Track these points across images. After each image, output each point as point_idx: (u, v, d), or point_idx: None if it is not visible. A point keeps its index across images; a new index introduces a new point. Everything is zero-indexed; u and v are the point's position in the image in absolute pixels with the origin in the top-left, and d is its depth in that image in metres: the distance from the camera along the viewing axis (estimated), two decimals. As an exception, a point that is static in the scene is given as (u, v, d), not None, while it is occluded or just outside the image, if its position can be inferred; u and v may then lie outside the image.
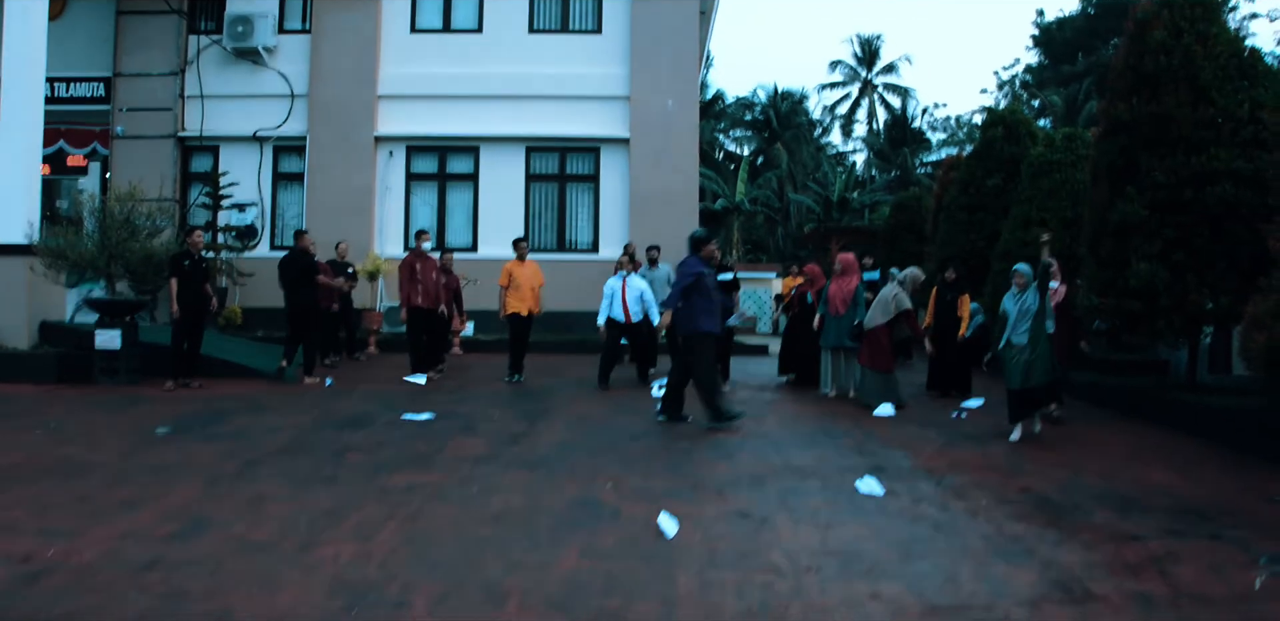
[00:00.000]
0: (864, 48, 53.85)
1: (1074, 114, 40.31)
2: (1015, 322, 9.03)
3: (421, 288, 12.07)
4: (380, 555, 5.00)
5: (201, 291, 11.46)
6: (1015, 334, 8.98)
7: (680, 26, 17.71)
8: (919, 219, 20.97)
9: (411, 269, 12.10)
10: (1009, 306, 9.16)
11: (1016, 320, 9.02)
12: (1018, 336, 8.95)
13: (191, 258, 11.39)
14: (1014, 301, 9.13)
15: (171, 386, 11.14)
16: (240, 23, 17.49)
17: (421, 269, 12.12)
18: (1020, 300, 9.06)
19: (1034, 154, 14.42)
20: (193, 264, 11.34)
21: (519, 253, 12.57)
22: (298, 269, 11.92)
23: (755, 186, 44.88)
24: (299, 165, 17.97)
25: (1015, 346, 8.96)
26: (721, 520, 5.81)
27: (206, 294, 11.62)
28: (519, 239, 12.82)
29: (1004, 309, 9.25)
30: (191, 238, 11.62)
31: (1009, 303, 9.20)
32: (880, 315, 10.69)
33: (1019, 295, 9.12)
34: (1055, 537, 5.56)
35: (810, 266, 12.97)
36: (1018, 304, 9.06)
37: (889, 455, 7.95)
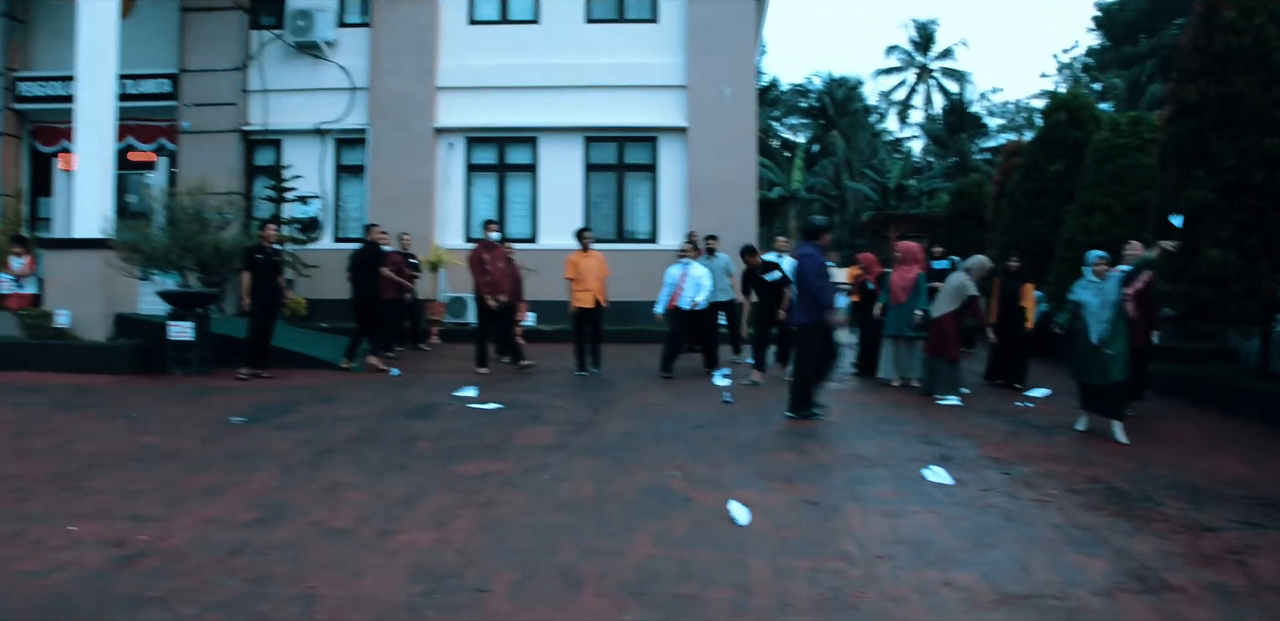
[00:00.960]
0: (920, 32, 53.22)
1: (1137, 96, 39.56)
2: (1096, 313, 8.45)
3: (489, 278, 12.10)
4: (457, 541, 5.11)
5: (275, 284, 11.70)
6: (1095, 326, 8.42)
7: (736, 14, 17.65)
8: (979, 206, 20.75)
9: (480, 259, 12.14)
10: (1086, 297, 8.57)
11: (1097, 311, 8.44)
12: (1098, 328, 8.40)
13: (265, 251, 11.64)
14: (1092, 291, 8.54)
15: (245, 375, 11.39)
16: (301, 17, 17.73)
17: (490, 259, 12.15)
18: (1100, 289, 8.48)
19: (1099, 138, 14.21)
20: (266, 257, 11.59)
21: (583, 243, 12.32)
22: (362, 261, 12.15)
23: (811, 174, 44.64)
24: (360, 157, 18.20)
25: (1094, 340, 8.41)
26: (791, 508, 5.85)
27: (280, 287, 11.86)
28: (583, 229, 12.58)
29: (1079, 298, 8.65)
30: (265, 231, 11.89)
31: (1085, 293, 8.60)
32: (946, 303, 10.60)
33: (1097, 284, 8.55)
34: (1127, 528, 5.54)
35: (864, 254, 12.92)
36: (1097, 294, 8.48)
37: (955, 444, 7.93)
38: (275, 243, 12.13)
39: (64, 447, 7.42)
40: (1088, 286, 8.64)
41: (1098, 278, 8.57)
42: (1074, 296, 8.76)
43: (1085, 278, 8.72)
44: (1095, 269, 8.62)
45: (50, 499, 5.90)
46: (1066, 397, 10.53)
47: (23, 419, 8.70)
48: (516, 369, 12.31)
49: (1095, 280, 8.57)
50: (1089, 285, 8.63)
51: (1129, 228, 12.80)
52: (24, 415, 8.90)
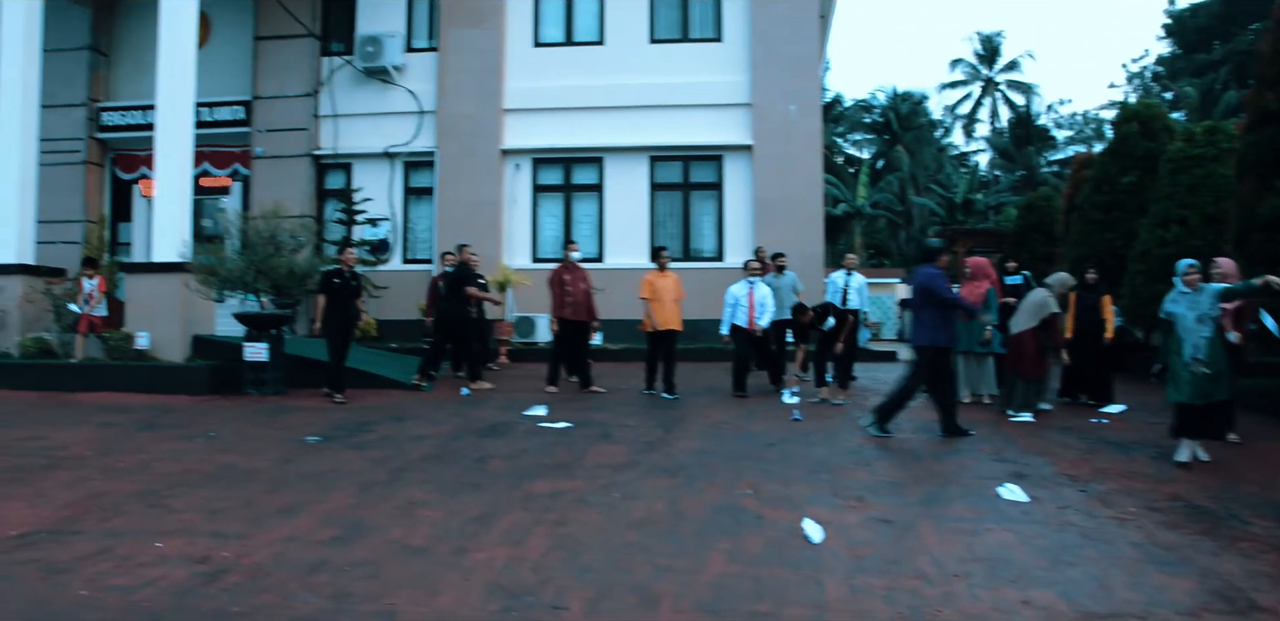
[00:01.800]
0: (985, 45, 52.82)
1: (1210, 105, 38.79)
2: (1193, 329, 7.84)
3: (571, 299, 12.07)
4: (532, 559, 5.15)
5: (352, 308, 11.72)
6: (1194, 341, 7.81)
7: (800, 32, 17.64)
8: (1049, 219, 20.48)
9: (560, 280, 12.13)
10: (1179, 310, 7.98)
11: (1195, 326, 7.84)
12: (1196, 343, 7.80)
13: (343, 275, 11.66)
14: (1186, 304, 7.95)
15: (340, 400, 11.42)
16: (370, 43, 18.08)
17: (571, 280, 12.13)
18: (1193, 302, 7.91)
19: (1173, 149, 13.97)
20: (343, 282, 11.61)
21: (660, 263, 12.05)
22: (451, 281, 12.51)
23: (876, 190, 44.39)
24: (428, 180, 18.46)
25: (1187, 356, 7.82)
26: (865, 526, 5.81)
27: (354, 311, 11.83)
28: (659, 248, 12.42)
29: (1172, 311, 8.06)
30: (345, 255, 11.92)
31: (1179, 305, 8.01)
32: (1026, 319, 10.36)
33: (1190, 295, 7.97)
34: (1212, 547, 5.42)
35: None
36: (1190, 306, 7.91)
37: (1029, 461, 7.81)
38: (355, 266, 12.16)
39: (147, 466, 7.61)
40: (1179, 298, 8.06)
41: (1189, 288, 8.00)
42: (1167, 309, 8.17)
43: (1176, 289, 8.15)
44: (1186, 279, 8.02)
45: (137, 516, 6.05)
46: (1143, 413, 10.35)
47: (108, 438, 8.93)
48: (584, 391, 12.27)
49: (1187, 291, 8.00)
50: (1180, 297, 8.05)
51: (1205, 239, 12.56)
52: (109, 434, 9.14)
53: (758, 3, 17.68)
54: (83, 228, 18.16)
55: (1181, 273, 8.08)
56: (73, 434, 9.12)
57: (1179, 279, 8.09)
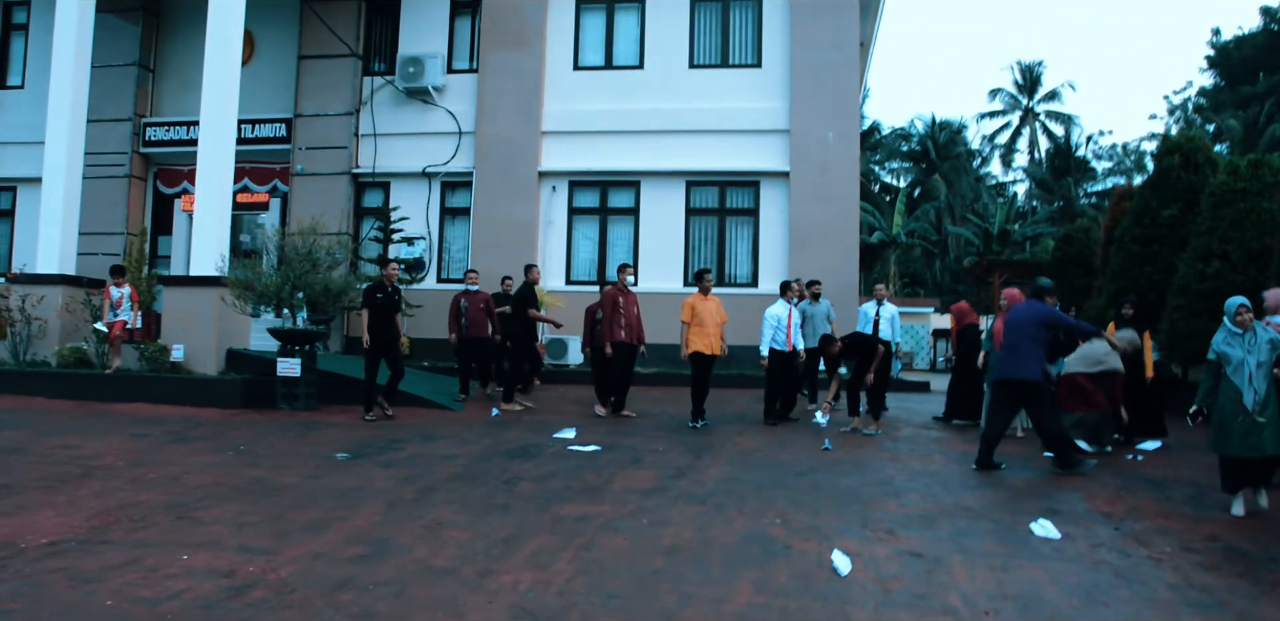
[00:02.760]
0: (1025, 75, 52.70)
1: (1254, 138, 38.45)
2: (1249, 373, 7.25)
3: (625, 322, 12.00)
4: (557, 583, 5.12)
5: (393, 324, 11.71)
6: (1248, 388, 7.22)
7: (840, 59, 17.64)
8: (1087, 251, 20.26)
9: (615, 303, 12.05)
10: (1230, 350, 7.36)
11: (1253, 370, 7.24)
12: (1251, 390, 7.21)
13: (385, 290, 11.68)
14: (1239, 345, 7.34)
15: (376, 415, 11.48)
16: (411, 64, 18.26)
17: (624, 303, 12.08)
18: (1249, 344, 7.31)
19: (1216, 182, 13.79)
20: (385, 297, 11.63)
21: (703, 286, 11.78)
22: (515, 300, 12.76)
23: (912, 219, 44.24)
24: (465, 200, 18.56)
25: (1249, 405, 7.19)
26: (894, 560, 5.74)
27: (397, 327, 11.85)
28: (703, 271, 12.06)
29: (1222, 352, 7.42)
30: (387, 270, 11.95)
31: (1229, 345, 7.40)
32: (1081, 365, 10.15)
33: (1243, 336, 7.37)
34: (1250, 590, 5.32)
35: (957, 305, 12.74)
36: (1244, 349, 7.30)
37: (1063, 497, 7.70)
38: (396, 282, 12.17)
39: (178, 478, 7.66)
40: (1231, 340, 7.42)
41: (1240, 328, 7.39)
42: (1221, 350, 7.47)
43: (1226, 328, 7.51)
44: (1238, 319, 7.40)
45: (165, 527, 6.08)
46: (1180, 451, 10.19)
47: (140, 449, 9.00)
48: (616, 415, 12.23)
49: (1239, 331, 7.39)
50: (1232, 338, 7.42)
51: (1248, 275, 12.38)
52: (141, 445, 9.21)
53: (798, 29, 17.71)
54: (124, 240, 18.41)
55: (1233, 312, 7.46)
56: (105, 444, 9.21)
57: (1229, 318, 7.48)
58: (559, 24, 18.53)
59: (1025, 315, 9.13)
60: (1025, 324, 9.04)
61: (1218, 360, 7.47)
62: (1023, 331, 9.02)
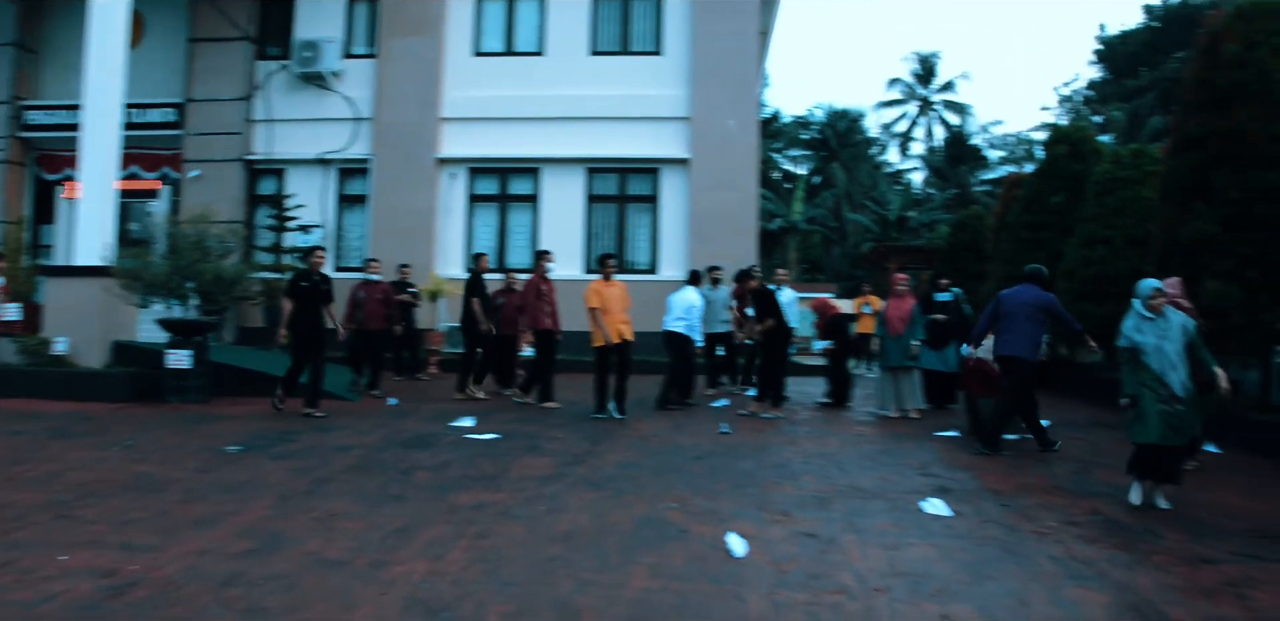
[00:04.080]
0: (922, 65, 53.59)
1: (1137, 129, 39.69)
2: (1171, 360, 6.92)
3: (549, 309, 11.82)
4: (452, 573, 5.06)
5: (321, 315, 11.05)
6: (1174, 376, 6.89)
7: (740, 47, 17.75)
8: (979, 237, 20.78)
9: (538, 291, 11.86)
10: (1143, 338, 7.01)
11: (1173, 357, 6.91)
12: (1175, 378, 6.89)
13: (311, 279, 10.98)
14: (1151, 331, 7.02)
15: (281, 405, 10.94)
16: (307, 48, 17.87)
17: (548, 291, 11.91)
18: (1161, 329, 6.99)
19: (1100, 171, 14.23)
20: (312, 286, 10.93)
21: (606, 271, 11.29)
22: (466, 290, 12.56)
23: (812, 206, 44.77)
24: (363, 187, 18.26)
25: (1172, 394, 6.87)
26: (789, 541, 5.80)
27: (324, 318, 11.13)
28: (606, 255, 11.60)
29: (1135, 340, 7.06)
30: (314, 257, 11.24)
31: (1146, 335, 7.04)
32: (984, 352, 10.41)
33: (1155, 321, 7.04)
34: (1127, 560, 5.50)
35: (818, 300, 12.89)
36: (1162, 336, 6.97)
37: (954, 476, 7.89)
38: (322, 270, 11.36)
39: (58, 476, 7.39)
40: (1142, 326, 7.09)
41: (1153, 313, 7.09)
42: (1134, 339, 7.09)
43: (1137, 313, 7.18)
44: (1151, 302, 7.10)
45: (43, 527, 5.86)
46: (1067, 429, 10.50)
47: (18, 446, 8.66)
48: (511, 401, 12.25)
49: (1152, 317, 7.08)
50: (1144, 324, 7.09)
51: (1129, 260, 12.80)
52: (19, 443, 8.86)
53: (699, 18, 17.78)
54: (1, 229, 17.68)
55: (1146, 296, 7.14)
56: (-19, 441, 8.84)
57: (1141, 303, 7.17)
58: (459, 9, 18.35)
59: (1025, 298, 9.25)
60: (1025, 306, 9.18)
61: (1131, 347, 7.09)
62: (1022, 312, 9.16)
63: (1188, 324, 7.05)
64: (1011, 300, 9.30)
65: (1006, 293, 9.52)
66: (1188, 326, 7.03)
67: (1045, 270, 9.79)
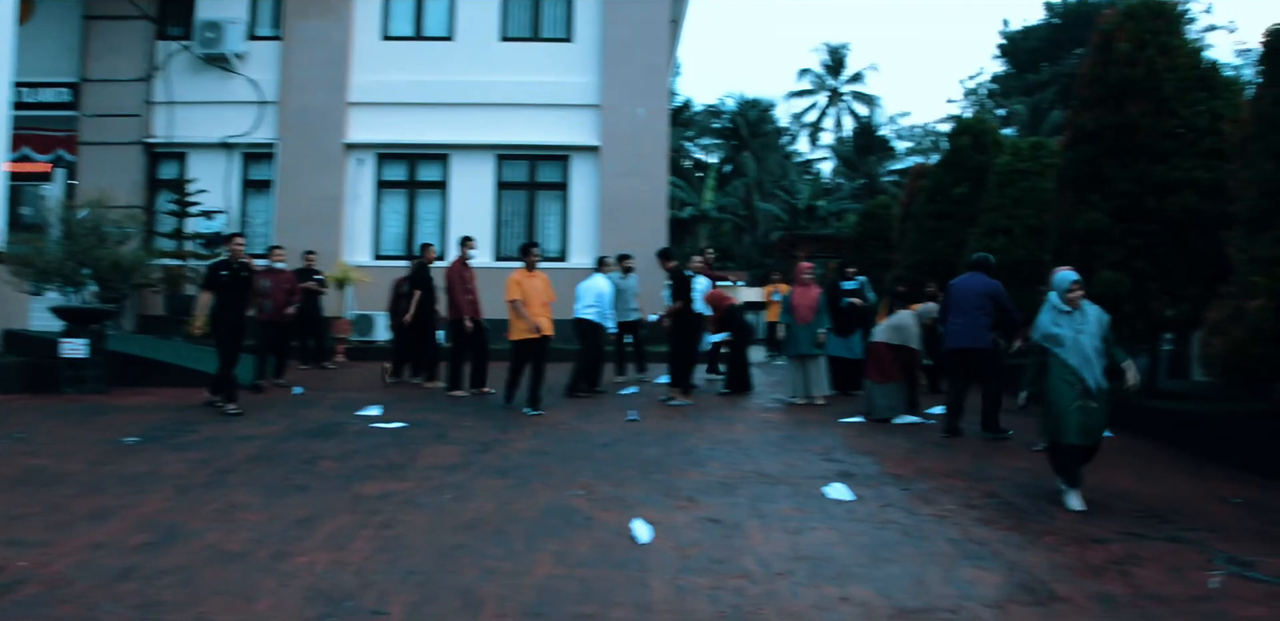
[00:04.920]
0: (832, 56, 54.21)
1: (1038, 122, 40.73)
2: (1088, 356, 6.64)
3: (471, 298, 11.66)
4: (355, 563, 5.03)
5: (243, 304, 10.56)
6: (1090, 371, 6.62)
7: (651, 35, 17.79)
8: (886, 227, 21.09)
9: (461, 278, 11.68)
10: (1061, 331, 6.72)
11: (1089, 353, 6.64)
12: (1092, 374, 6.62)
13: (231, 267, 10.45)
14: (1068, 324, 6.73)
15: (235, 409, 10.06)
16: (210, 29, 17.41)
17: (470, 278, 11.75)
18: (1078, 323, 6.72)
19: (1001, 162, 14.55)
20: (232, 274, 10.41)
21: (529, 261, 10.69)
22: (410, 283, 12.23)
23: (723, 194, 45.07)
24: (268, 172, 17.89)
25: (1091, 388, 6.59)
26: (694, 526, 5.87)
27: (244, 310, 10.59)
28: (530, 244, 10.94)
29: (1052, 333, 6.75)
30: (234, 245, 10.60)
31: (1058, 326, 6.76)
32: (885, 335, 10.52)
33: (1072, 314, 6.76)
34: (1020, 541, 5.68)
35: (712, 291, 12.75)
36: (1078, 330, 6.69)
37: (857, 461, 8.04)
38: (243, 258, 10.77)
39: (-56, 469, 7.14)
40: (1060, 319, 6.79)
41: (1070, 306, 6.80)
42: (1051, 332, 6.79)
43: (1053, 306, 6.89)
44: (1070, 295, 6.79)
45: (-74, 523, 5.66)
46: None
47: (-98, 439, 8.35)
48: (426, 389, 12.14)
49: (1067, 310, 6.79)
50: (1061, 317, 6.79)
51: (1028, 249, 13.12)
52: (-97, 435, 8.54)
53: (609, 5, 17.76)
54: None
55: (1065, 288, 6.82)
56: None
57: (1058, 295, 6.87)
58: (367, -8, 18.01)
59: (973, 287, 9.41)
60: (974, 295, 9.33)
61: (1043, 342, 6.80)
62: (972, 302, 9.31)
63: (1103, 317, 6.78)
64: (961, 289, 9.49)
65: (956, 281, 9.71)
66: (1103, 320, 6.77)
67: (992, 258, 10.00)
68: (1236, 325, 7.69)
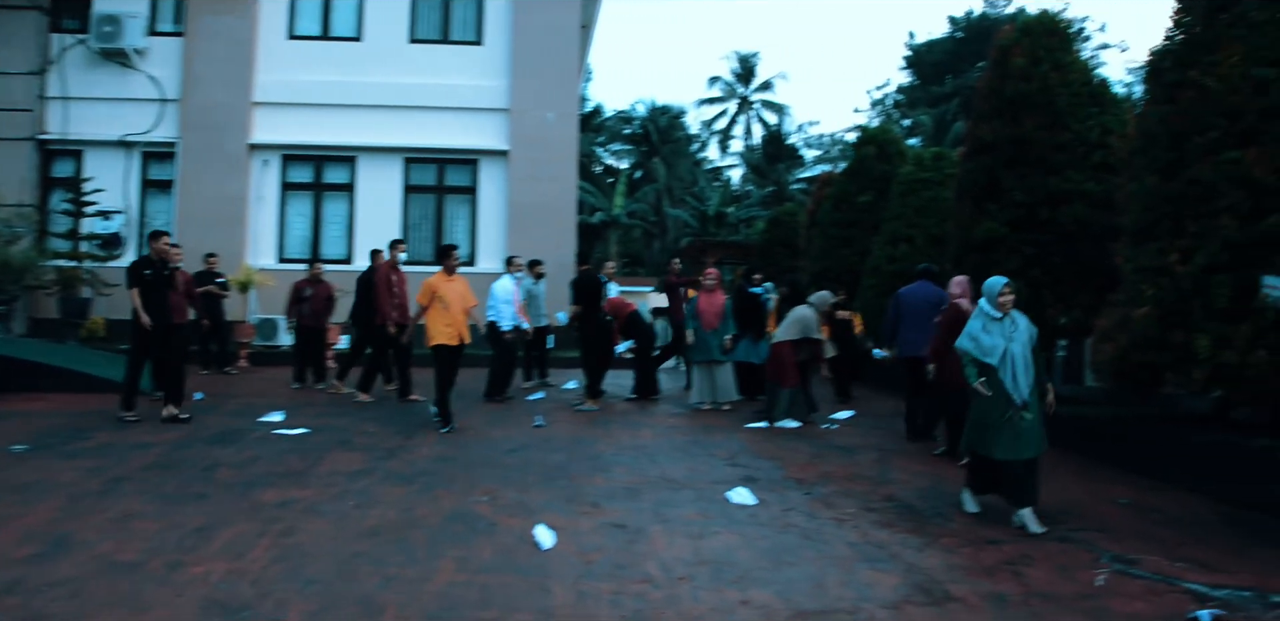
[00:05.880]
0: (742, 64, 54.79)
1: (942, 133, 41.67)
2: (1020, 364, 6.33)
3: (399, 302, 11.44)
4: (253, 572, 4.95)
5: (167, 304, 10.01)
6: (1022, 381, 6.31)
7: (561, 40, 17.81)
8: (793, 234, 21.37)
9: (388, 282, 11.41)
10: (991, 339, 6.40)
11: (1020, 363, 6.32)
12: (1024, 383, 6.31)
13: (155, 266, 9.95)
14: (999, 332, 6.42)
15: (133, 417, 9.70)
16: (108, 22, 16.95)
17: (398, 281, 11.50)
18: (1009, 331, 6.41)
19: (904, 172, 14.86)
20: (155, 272, 9.93)
21: (449, 265, 10.11)
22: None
23: (633, 200, 45.24)
24: (169, 172, 17.47)
25: (1019, 400, 6.28)
26: (597, 532, 5.89)
27: (170, 309, 10.11)
28: (449, 247, 10.39)
29: (983, 342, 6.42)
30: (158, 244, 10.03)
31: (988, 333, 6.45)
32: (785, 332, 10.61)
33: (1002, 321, 6.46)
34: (918, 543, 5.81)
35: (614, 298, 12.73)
36: (1006, 335, 6.39)
37: (760, 466, 8.14)
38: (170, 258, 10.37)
39: None
40: (990, 326, 6.48)
41: (1001, 312, 6.47)
42: (976, 339, 6.48)
43: (984, 313, 6.58)
44: (1001, 300, 6.46)
45: None
46: (869, 419, 10.98)
47: None
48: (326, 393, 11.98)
49: (998, 316, 6.48)
50: (991, 324, 6.49)
51: (930, 258, 13.41)
52: None
53: (520, 9, 17.74)
54: None
55: (996, 293, 6.49)
56: None
57: (989, 301, 6.56)
58: (273, -11, 17.71)
59: (924, 295, 9.51)
60: (925, 304, 9.40)
61: (972, 351, 6.47)
62: (923, 311, 9.37)
63: (1032, 329, 6.51)
64: (911, 298, 9.64)
65: (905, 290, 9.88)
66: (1033, 332, 6.49)
67: (935, 267, 10.20)
68: (1124, 332, 7.97)
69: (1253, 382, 7.05)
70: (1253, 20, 7.38)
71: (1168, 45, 8.18)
